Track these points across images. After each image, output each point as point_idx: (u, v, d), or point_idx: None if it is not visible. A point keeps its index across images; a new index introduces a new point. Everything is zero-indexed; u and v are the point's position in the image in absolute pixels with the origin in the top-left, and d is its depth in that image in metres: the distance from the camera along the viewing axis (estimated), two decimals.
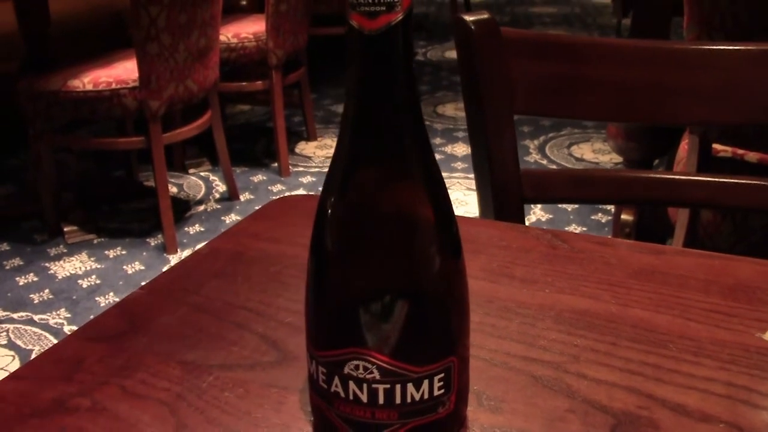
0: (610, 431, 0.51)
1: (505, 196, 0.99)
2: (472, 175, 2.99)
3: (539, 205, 2.89)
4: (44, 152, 2.59)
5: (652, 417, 0.52)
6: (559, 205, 2.88)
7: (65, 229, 2.71)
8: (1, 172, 3.27)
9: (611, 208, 2.73)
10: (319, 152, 3.55)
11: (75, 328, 2.16)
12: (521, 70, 0.98)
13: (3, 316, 2.26)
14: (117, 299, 2.28)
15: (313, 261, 0.47)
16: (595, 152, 3.43)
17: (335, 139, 3.36)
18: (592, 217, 2.81)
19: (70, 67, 2.55)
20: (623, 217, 2.41)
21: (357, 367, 0.46)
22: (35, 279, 2.46)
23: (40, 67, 2.62)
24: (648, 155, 2.26)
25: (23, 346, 2.10)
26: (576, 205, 2.88)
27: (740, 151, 1.86)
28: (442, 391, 0.47)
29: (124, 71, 2.47)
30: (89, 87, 2.44)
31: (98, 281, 2.43)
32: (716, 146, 1.86)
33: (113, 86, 2.42)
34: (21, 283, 2.43)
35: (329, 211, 0.46)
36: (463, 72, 0.99)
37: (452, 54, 5.27)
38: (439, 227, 0.47)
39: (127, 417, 0.52)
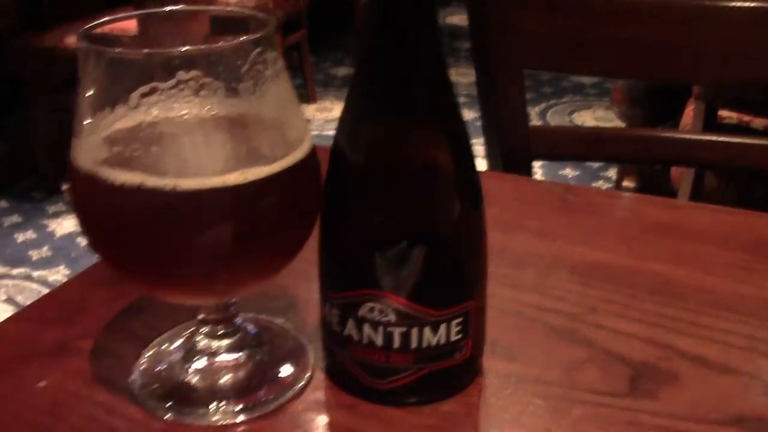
0: (629, 381, 0.49)
1: (513, 152, 0.97)
2: (474, 140, 2.97)
3: (539, 171, 2.87)
4: (41, 111, 2.56)
5: (672, 368, 0.51)
6: (560, 172, 2.87)
7: (64, 188, 2.69)
8: None
9: (613, 175, 2.72)
10: (318, 115, 3.52)
11: None
12: (532, 24, 0.95)
13: (2, 272, 2.24)
14: None
15: (331, 200, 0.45)
16: (597, 119, 3.40)
17: (334, 102, 3.29)
18: (594, 184, 2.80)
19: (66, 24, 2.50)
20: (625, 183, 2.39)
21: (372, 310, 0.44)
22: (34, 236, 2.44)
23: (34, 24, 2.58)
24: (652, 122, 2.24)
25: (23, 302, 2.09)
26: (577, 172, 2.87)
27: (746, 118, 1.84)
28: (460, 336, 0.46)
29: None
30: None
31: None
32: (722, 113, 1.84)
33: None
34: (20, 240, 2.42)
35: (348, 150, 0.44)
36: (472, 25, 0.97)
37: (453, 20, 5.22)
38: (460, 171, 0.45)
39: (132, 360, 0.51)
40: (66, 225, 2.50)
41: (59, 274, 2.23)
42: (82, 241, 2.39)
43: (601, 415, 0.47)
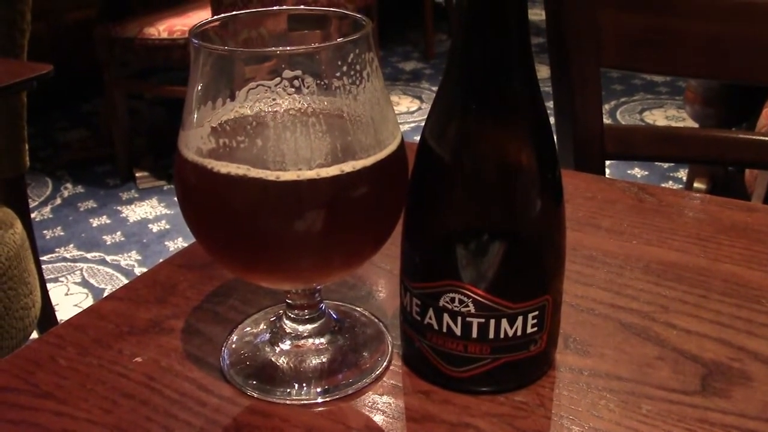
0: (700, 380, 0.50)
1: (585, 150, 0.98)
2: None
3: (607, 171, 2.84)
4: (118, 98, 2.65)
5: (744, 369, 0.51)
6: (628, 171, 2.84)
7: (137, 175, 2.77)
8: (76, 117, 3.35)
9: (683, 176, 2.68)
10: None
11: (145, 269, 2.21)
12: (611, 21, 0.95)
13: (77, 256, 2.33)
14: (185, 245, 2.33)
15: (417, 193, 0.47)
16: (669, 119, 3.34)
17: (402, 97, 3.28)
18: (663, 185, 2.76)
19: (146, 15, 2.59)
20: (696, 185, 2.35)
21: (453, 300, 0.46)
22: (108, 221, 2.53)
23: (117, 14, 2.66)
24: (725, 122, 2.20)
25: (96, 284, 2.17)
26: (646, 172, 2.83)
27: None
28: (535, 329, 0.47)
29: (198, 20, 2.49)
30: (164, 35, 2.47)
31: (168, 226, 2.48)
32: None
33: (187, 35, 2.44)
34: (94, 225, 2.51)
35: (436, 145, 0.46)
36: (549, 21, 0.98)
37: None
38: (545, 168, 0.47)
39: (220, 340, 0.54)
40: (138, 211, 2.57)
41: (131, 259, 2.30)
42: (153, 228, 2.47)
43: (671, 411, 0.48)
